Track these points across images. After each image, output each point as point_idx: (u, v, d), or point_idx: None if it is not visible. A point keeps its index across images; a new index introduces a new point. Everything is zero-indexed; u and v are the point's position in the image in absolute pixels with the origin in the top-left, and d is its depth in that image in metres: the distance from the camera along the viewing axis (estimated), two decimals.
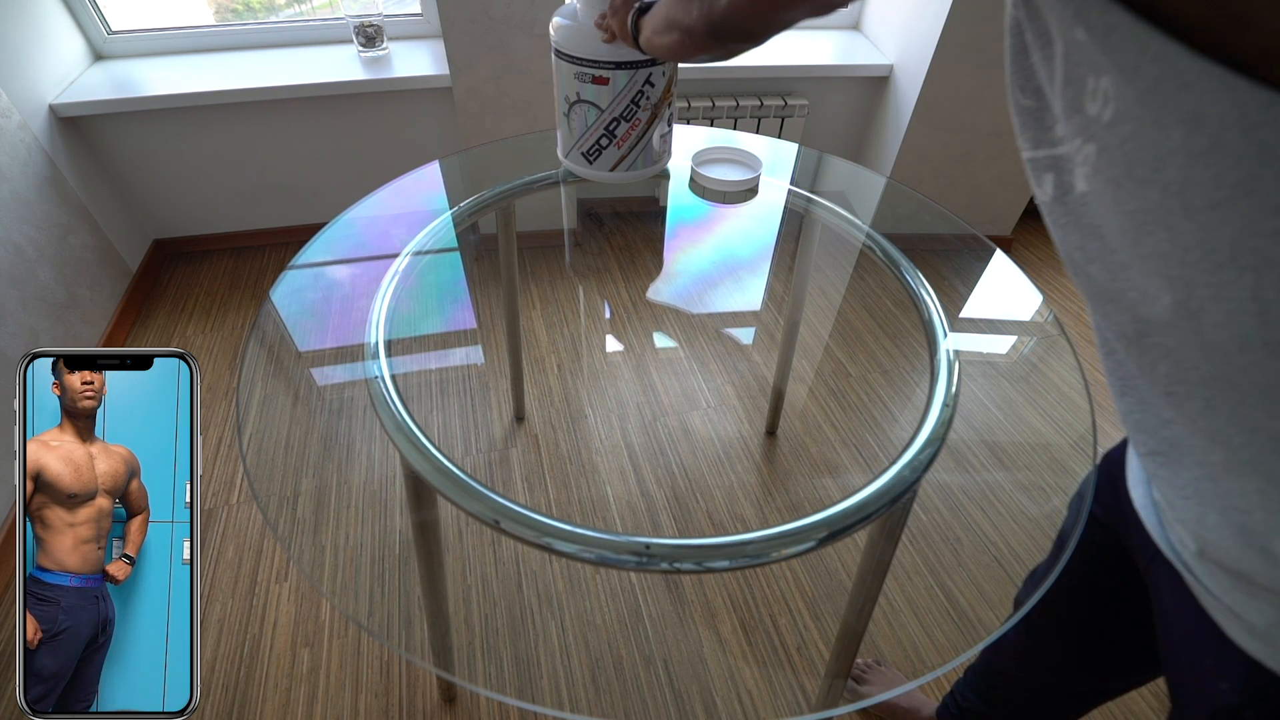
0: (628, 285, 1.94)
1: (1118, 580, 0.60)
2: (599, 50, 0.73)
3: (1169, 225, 0.23)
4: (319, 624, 1.18)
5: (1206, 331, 0.25)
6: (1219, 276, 0.23)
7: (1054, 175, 0.30)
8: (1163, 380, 0.31)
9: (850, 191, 1.03)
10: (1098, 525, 0.61)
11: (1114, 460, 0.61)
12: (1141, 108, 0.22)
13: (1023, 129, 0.31)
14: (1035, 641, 0.73)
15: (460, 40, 1.59)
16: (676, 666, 1.13)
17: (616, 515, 1.35)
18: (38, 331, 1.41)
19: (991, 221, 2.15)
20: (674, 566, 0.53)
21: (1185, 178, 0.22)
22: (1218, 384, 0.28)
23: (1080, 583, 0.65)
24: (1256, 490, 0.31)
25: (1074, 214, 0.29)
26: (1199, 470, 0.34)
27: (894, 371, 1.70)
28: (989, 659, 0.85)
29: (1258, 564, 0.35)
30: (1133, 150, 0.23)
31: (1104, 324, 0.34)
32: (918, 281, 0.81)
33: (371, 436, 1.42)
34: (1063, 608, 0.68)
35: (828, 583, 1.26)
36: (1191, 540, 0.41)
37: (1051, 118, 0.28)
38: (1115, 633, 0.65)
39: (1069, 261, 0.33)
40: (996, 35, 1.75)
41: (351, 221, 0.91)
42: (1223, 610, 0.41)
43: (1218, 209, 0.22)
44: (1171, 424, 0.34)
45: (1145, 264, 0.26)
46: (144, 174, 1.82)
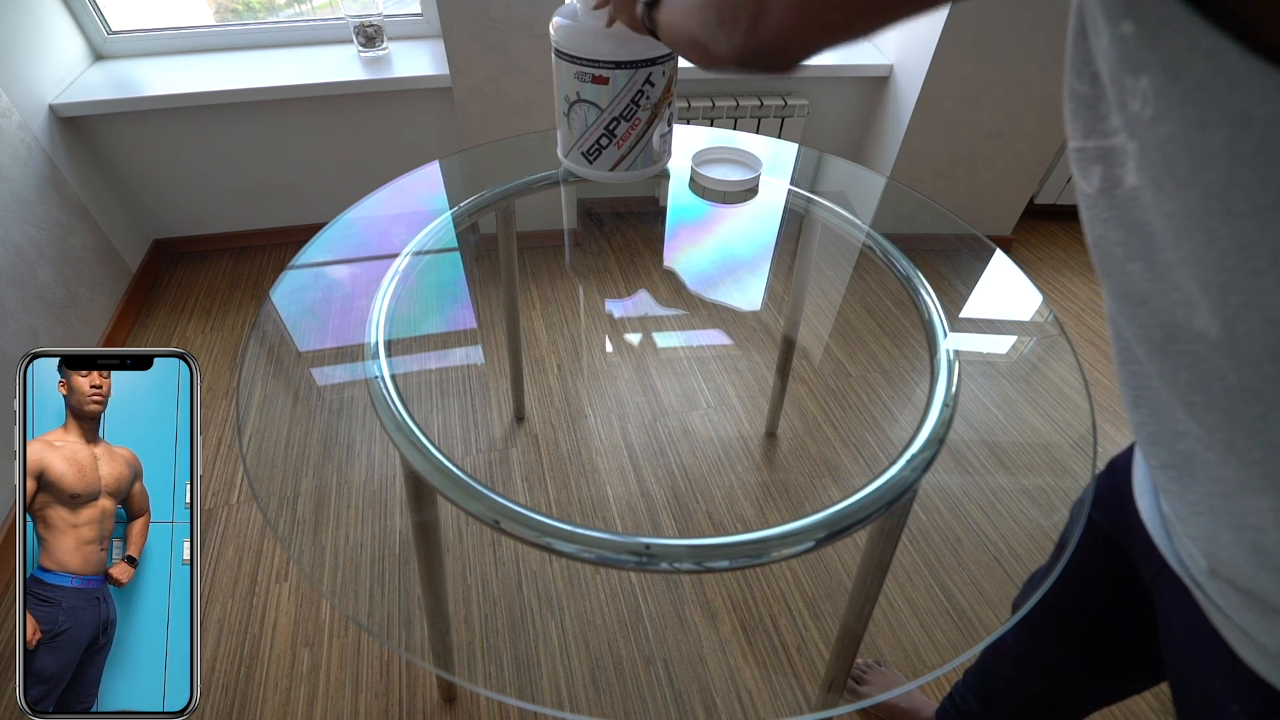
0: (628, 285, 1.94)
1: (1121, 588, 0.60)
2: (599, 50, 0.73)
3: (1208, 229, 0.23)
4: (319, 624, 1.18)
5: (1240, 340, 0.25)
6: (1257, 283, 0.23)
7: (1102, 167, 0.29)
8: (1183, 389, 0.31)
9: (850, 191, 1.03)
10: (1101, 532, 0.61)
11: (1120, 467, 0.60)
12: (1185, 107, 0.21)
13: (1074, 117, 0.30)
14: (1036, 647, 0.73)
15: (460, 40, 1.59)
16: (676, 666, 1.13)
17: (616, 515, 1.35)
18: (38, 331, 1.41)
19: (991, 221, 2.15)
20: (674, 566, 0.53)
21: (1228, 180, 0.21)
22: (1243, 395, 0.27)
23: (1082, 590, 0.65)
24: (1272, 508, 0.30)
25: (1120, 209, 0.28)
26: (1213, 486, 0.34)
27: (894, 371, 1.70)
28: (988, 663, 0.85)
29: (1272, 585, 0.34)
30: (1173, 151, 0.22)
31: (1128, 327, 0.33)
32: (918, 281, 0.81)
33: (371, 436, 1.42)
34: (1064, 614, 0.68)
35: (828, 583, 1.26)
36: (1202, 557, 0.40)
37: (1106, 106, 0.27)
38: (1117, 640, 0.65)
39: (1104, 258, 0.31)
40: (997, 35, 1.74)
41: (351, 221, 0.91)
42: (1233, 630, 0.40)
43: (1260, 213, 0.21)
44: (1186, 437, 0.33)
45: (1185, 267, 0.25)
46: (144, 174, 1.82)
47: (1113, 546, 0.59)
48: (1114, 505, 0.59)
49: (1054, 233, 2.29)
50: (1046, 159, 1.95)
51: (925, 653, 1.16)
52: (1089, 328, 1.90)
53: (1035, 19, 1.62)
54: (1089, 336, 1.87)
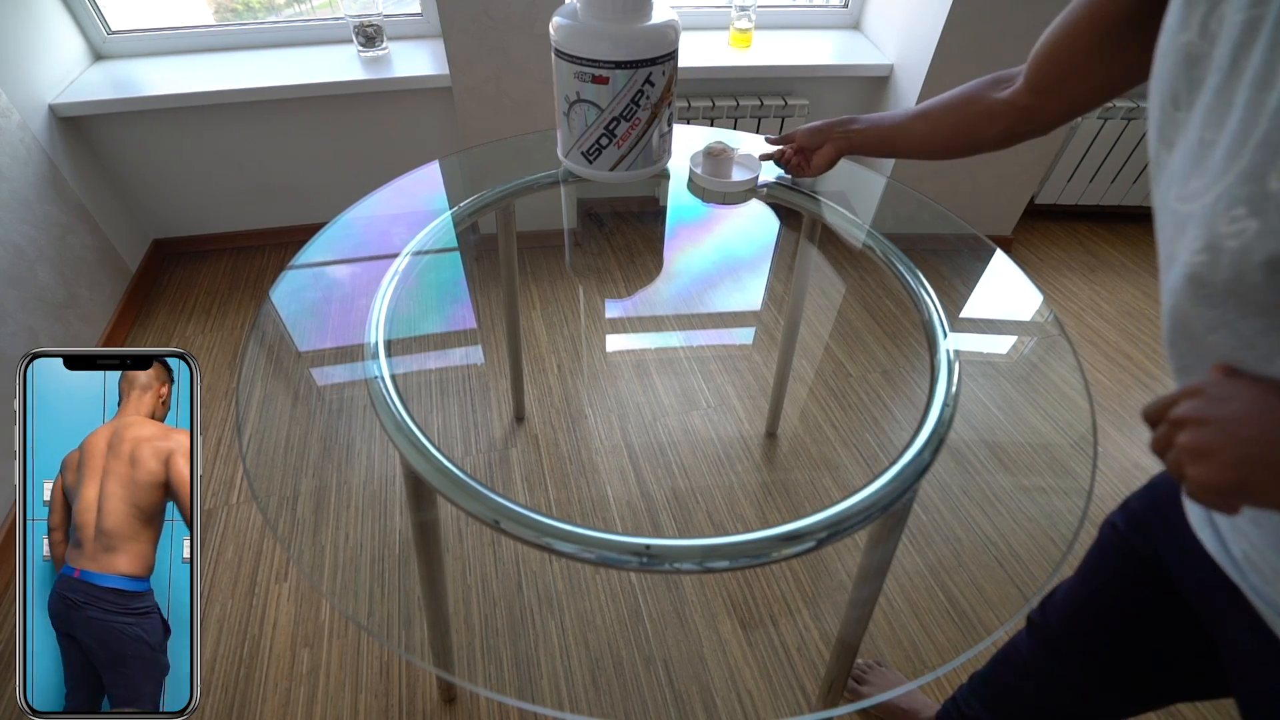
0: (628, 285, 1.94)
1: (1157, 612, 0.59)
2: (599, 50, 0.73)
3: None
4: (319, 624, 1.18)
5: None
6: None
7: None
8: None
9: (850, 191, 1.03)
10: (1138, 558, 0.60)
11: (1161, 490, 0.58)
12: None
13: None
14: (1057, 665, 0.72)
15: (460, 40, 1.59)
16: (676, 666, 1.13)
17: (616, 515, 1.35)
18: (38, 331, 1.41)
19: (991, 221, 2.15)
20: (674, 567, 0.53)
21: None
22: None
23: (1113, 612, 0.64)
24: None
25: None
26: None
27: (894, 371, 1.70)
28: (999, 671, 0.84)
29: None
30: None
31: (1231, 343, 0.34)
32: (918, 281, 0.81)
33: (371, 436, 1.41)
34: (1091, 637, 0.67)
35: (828, 583, 1.26)
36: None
37: None
38: (1147, 664, 0.64)
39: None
40: (997, 35, 1.74)
41: (351, 221, 0.91)
42: None
43: None
44: None
45: None
46: (144, 174, 1.82)
47: (1151, 572, 0.58)
48: (1158, 531, 0.57)
49: (1054, 233, 2.29)
50: (1046, 159, 1.94)
51: (925, 653, 1.15)
52: (1089, 328, 1.90)
53: (1035, 19, 1.62)
54: (1089, 336, 1.87)
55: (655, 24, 0.75)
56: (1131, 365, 1.78)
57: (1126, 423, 1.61)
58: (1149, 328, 1.91)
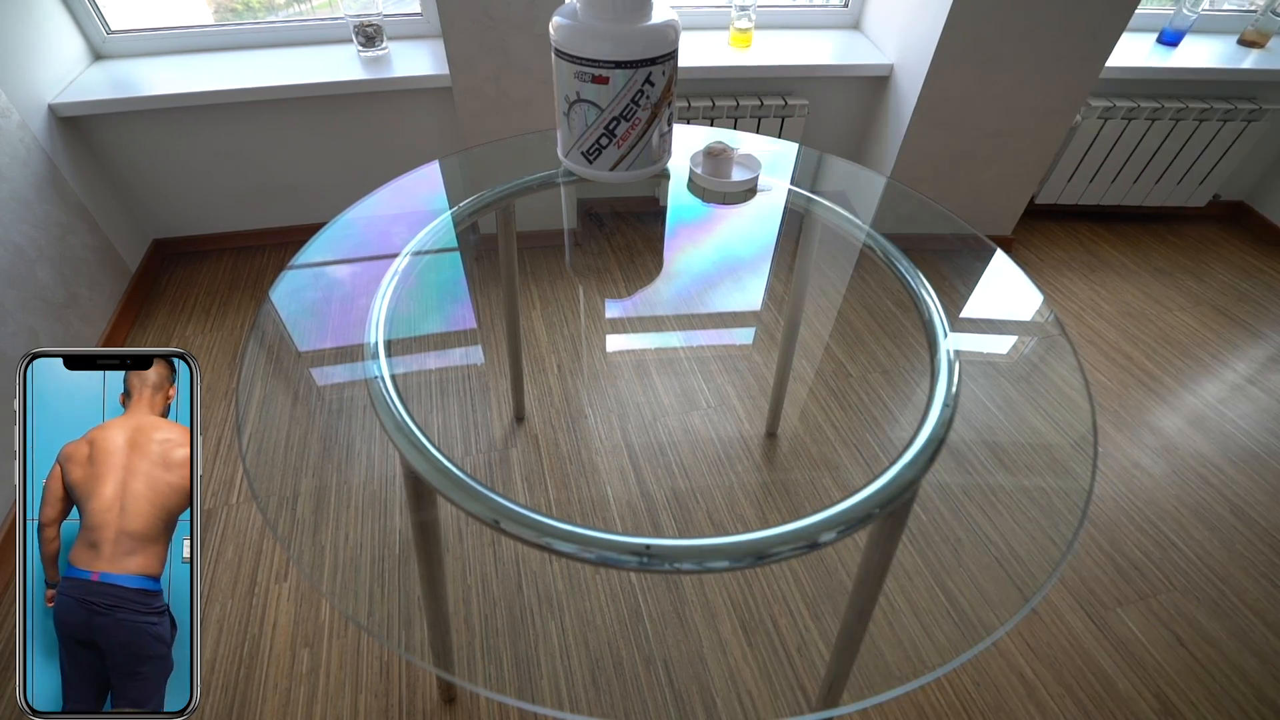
0: (628, 285, 1.94)
1: None
2: (599, 50, 0.73)
3: None
4: (319, 624, 1.18)
5: None
6: None
7: None
8: None
9: (850, 191, 1.03)
10: None
11: None
12: None
13: None
14: None
15: (460, 40, 1.59)
16: (676, 666, 1.13)
17: (616, 515, 1.35)
18: (37, 331, 1.41)
19: (991, 221, 2.15)
20: (674, 567, 0.53)
21: None
22: None
23: None
24: None
25: None
26: None
27: (894, 371, 1.70)
28: None
29: None
30: None
31: None
32: (918, 281, 0.81)
33: (371, 436, 1.41)
34: None
35: (828, 583, 1.26)
36: None
37: None
38: None
39: None
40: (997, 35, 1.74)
41: (351, 221, 0.91)
42: None
43: None
44: None
45: None
46: (144, 174, 1.82)
47: None
48: None
49: (1054, 233, 2.29)
50: (1046, 159, 1.94)
51: (925, 653, 1.15)
52: (1089, 328, 1.90)
53: (1035, 19, 1.62)
54: (1089, 336, 1.87)
55: (655, 24, 0.75)
56: (1131, 365, 1.78)
57: (1126, 423, 1.61)
58: (1149, 328, 1.91)
